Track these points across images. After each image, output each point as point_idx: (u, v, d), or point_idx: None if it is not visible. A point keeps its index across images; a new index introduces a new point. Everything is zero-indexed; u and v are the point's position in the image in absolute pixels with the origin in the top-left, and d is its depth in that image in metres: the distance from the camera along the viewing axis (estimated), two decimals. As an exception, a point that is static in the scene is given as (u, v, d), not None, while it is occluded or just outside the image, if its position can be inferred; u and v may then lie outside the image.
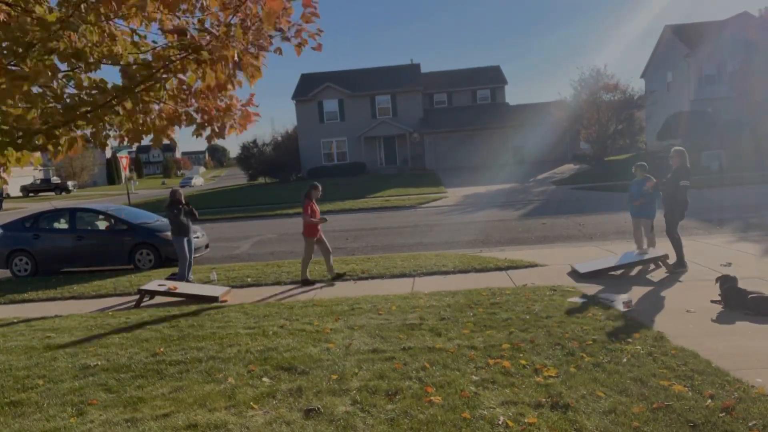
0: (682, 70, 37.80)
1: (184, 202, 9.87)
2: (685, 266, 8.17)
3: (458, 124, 40.56)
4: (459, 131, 40.23)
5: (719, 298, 6.29)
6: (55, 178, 62.70)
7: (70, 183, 58.93)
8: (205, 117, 4.36)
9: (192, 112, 4.35)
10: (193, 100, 4.31)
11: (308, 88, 42.54)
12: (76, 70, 3.84)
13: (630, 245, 10.10)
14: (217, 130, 4.34)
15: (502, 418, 3.73)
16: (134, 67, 3.94)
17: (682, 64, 37.55)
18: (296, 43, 4.01)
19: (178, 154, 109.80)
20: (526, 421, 3.68)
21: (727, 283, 6.27)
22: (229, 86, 4.20)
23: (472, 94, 44.67)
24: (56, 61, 3.66)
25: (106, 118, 3.85)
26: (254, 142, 46.55)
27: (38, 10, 3.67)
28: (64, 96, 3.81)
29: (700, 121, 31.01)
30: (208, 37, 3.80)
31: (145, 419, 4.11)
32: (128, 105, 3.99)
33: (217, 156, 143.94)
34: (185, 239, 9.73)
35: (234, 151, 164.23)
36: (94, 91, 3.84)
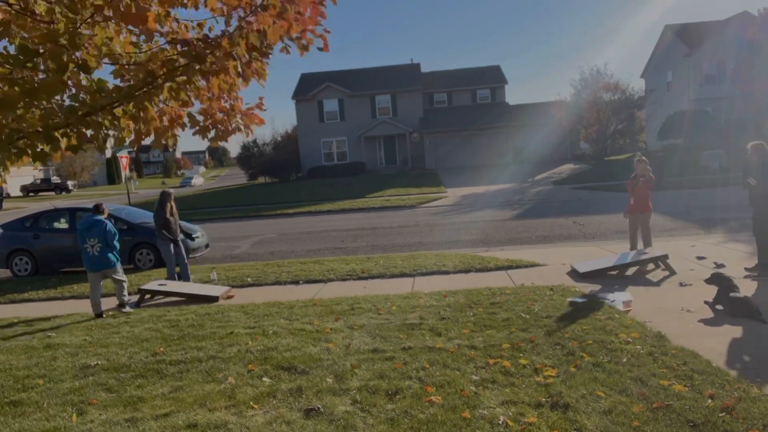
0: (683, 70, 37.84)
1: (172, 206, 9.63)
2: None
3: (458, 124, 40.54)
4: (459, 131, 40.22)
5: (712, 300, 6.26)
6: (55, 177, 62.69)
7: (70, 183, 58.94)
8: (209, 120, 4.34)
9: (195, 114, 4.33)
10: (197, 102, 4.30)
11: (308, 88, 42.55)
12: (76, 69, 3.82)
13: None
14: (221, 132, 4.32)
15: (502, 418, 3.73)
16: (133, 67, 3.93)
17: (683, 64, 37.59)
18: (303, 44, 4.00)
19: (178, 154, 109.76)
20: (526, 420, 3.68)
21: (718, 282, 6.23)
22: (235, 88, 4.20)
23: (472, 93, 44.63)
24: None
25: (106, 122, 3.83)
26: (254, 141, 46.65)
27: (38, 9, 3.65)
28: (65, 98, 3.79)
29: (700, 120, 31.02)
30: (209, 49, 3.78)
31: (145, 419, 4.11)
32: (129, 108, 3.98)
33: (217, 156, 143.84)
34: (171, 243, 9.49)
35: (234, 150, 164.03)
36: (95, 94, 3.82)
